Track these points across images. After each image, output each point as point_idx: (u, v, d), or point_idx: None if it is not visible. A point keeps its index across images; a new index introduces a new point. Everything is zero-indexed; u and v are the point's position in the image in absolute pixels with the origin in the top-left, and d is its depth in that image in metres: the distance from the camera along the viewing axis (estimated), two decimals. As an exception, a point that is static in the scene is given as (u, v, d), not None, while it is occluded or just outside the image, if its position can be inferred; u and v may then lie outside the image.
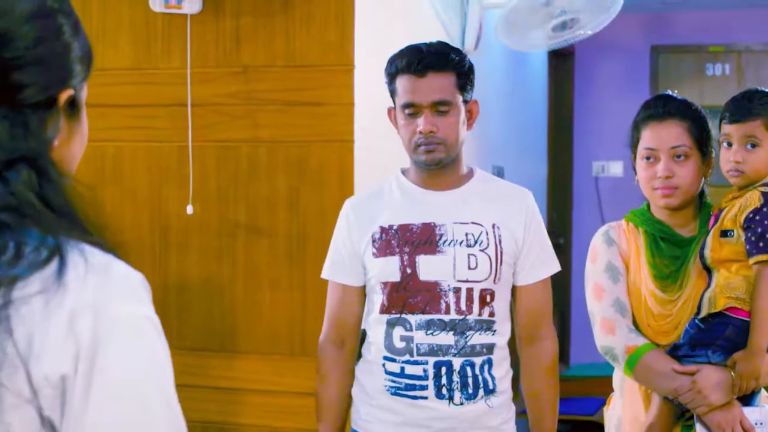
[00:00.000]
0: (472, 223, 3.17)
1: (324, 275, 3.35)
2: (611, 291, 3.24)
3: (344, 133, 4.19)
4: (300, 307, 4.26)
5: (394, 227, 3.19)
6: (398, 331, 3.16)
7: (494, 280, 3.15)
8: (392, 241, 3.17)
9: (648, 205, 3.31)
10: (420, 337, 3.13)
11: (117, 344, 1.51)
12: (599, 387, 5.47)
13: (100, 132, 4.44)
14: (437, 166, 3.17)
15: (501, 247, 3.16)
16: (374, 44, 4.34)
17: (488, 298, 3.15)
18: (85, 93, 1.75)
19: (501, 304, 3.19)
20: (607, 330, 3.19)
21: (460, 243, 3.14)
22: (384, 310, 3.18)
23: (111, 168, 4.49)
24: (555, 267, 3.30)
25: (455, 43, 4.69)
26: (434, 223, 3.16)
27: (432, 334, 3.12)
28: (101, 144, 4.45)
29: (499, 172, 6.37)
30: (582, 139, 9.16)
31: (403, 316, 3.15)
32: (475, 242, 3.15)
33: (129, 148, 4.48)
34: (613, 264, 3.27)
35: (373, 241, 3.20)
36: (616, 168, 8.99)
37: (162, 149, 4.43)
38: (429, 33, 4.91)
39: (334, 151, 4.21)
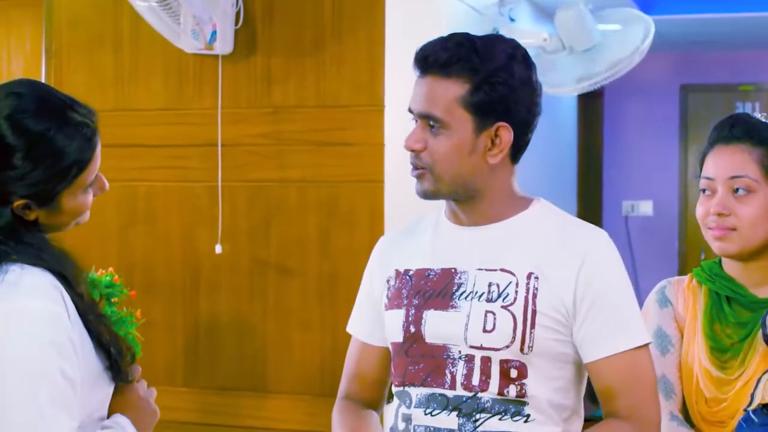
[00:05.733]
0: (501, 270, 2.34)
1: (348, 327, 2.71)
2: (657, 365, 2.51)
3: (375, 173, 4.20)
4: (331, 348, 4.25)
5: (411, 272, 2.44)
6: (401, 409, 2.41)
7: (521, 349, 2.29)
8: (403, 290, 2.43)
9: (721, 258, 2.64)
10: (418, 418, 2.36)
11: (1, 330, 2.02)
12: None
13: (132, 172, 4.47)
14: (431, 199, 2.41)
15: (534, 305, 2.30)
16: (404, 85, 4.32)
17: (513, 373, 2.30)
18: (75, 191, 2.18)
19: (542, 384, 2.32)
20: None
21: (480, 296, 2.33)
22: (393, 379, 2.47)
23: (143, 207, 4.51)
24: (637, 338, 2.33)
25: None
26: (455, 269, 2.38)
27: (431, 414, 2.34)
28: (133, 184, 4.48)
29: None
30: (611, 178, 9.14)
31: (405, 388, 2.40)
32: (498, 296, 2.32)
33: (160, 188, 4.50)
34: (664, 331, 2.63)
35: (388, 289, 2.50)
36: (645, 207, 8.95)
37: (193, 189, 4.45)
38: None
39: (365, 191, 4.21)
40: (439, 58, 2.30)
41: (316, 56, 4.28)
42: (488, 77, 2.28)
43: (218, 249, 4.34)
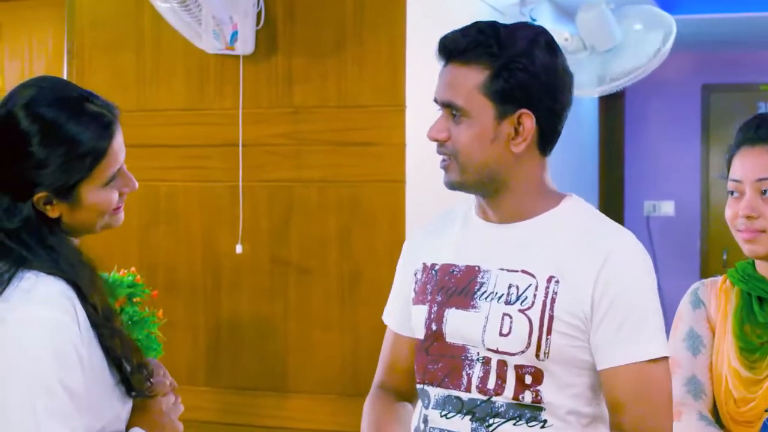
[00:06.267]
0: (522, 271, 2.27)
1: (383, 315, 2.64)
2: (688, 366, 2.54)
3: (396, 173, 4.20)
4: (352, 347, 4.26)
5: (437, 267, 2.39)
6: (421, 409, 2.38)
7: (537, 355, 2.22)
8: (428, 285, 2.39)
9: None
10: (434, 420, 2.33)
11: (8, 336, 2.02)
12: None
13: (153, 172, 4.48)
14: (458, 190, 2.35)
15: (552, 311, 2.22)
16: (425, 84, 4.34)
17: (528, 379, 2.23)
18: (94, 183, 2.17)
19: (558, 391, 2.25)
20: (675, 414, 2.37)
21: (499, 298, 2.27)
22: (416, 375, 2.42)
23: (164, 207, 4.52)
24: (653, 349, 2.21)
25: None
26: (478, 268, 2.32)
27: (446, 416, 2.31)
28: (154, 184, 4.49)
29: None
30: (633, 179, 9.12)
31: (425, 387, 2.36)
32: (517, 299, 2.25)
33: (181, 188, 4.51)
34: (696, 332, 2.60)
35: (415, 282, 2.45)
36: (667, 207, 8.93)
37: (214, 189, 4.46)
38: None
39: (386, 191, 4.21)
40: (458, 45, 2.26)
41: (337, 56, 4.28)
42: (508, 63, 2.22)
43: (239, 249, 4.35)
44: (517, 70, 2.22)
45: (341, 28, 4.27)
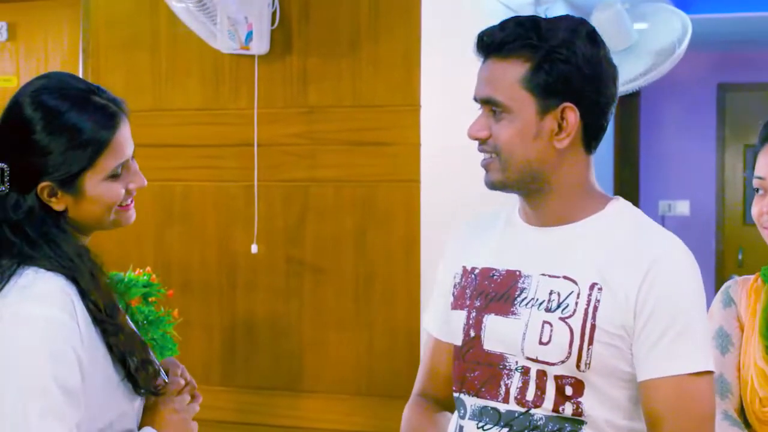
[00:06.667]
0: (564, 277, 2.18)
1: (423, 320, 2.53)
2: (716, 365, 2.39)
3: (410, 173, 4.19)
4: (366, 347, 4.26)
5: (476, 270, 2.30)
6: (457, 419, 2.30)
7: (578, 365, 2.12)
8: (467, 290, 2.30)
9: None
10: (470, 431, 2.24)
11: (4, 334, 2.03)
12: None
13: (169, 171, 4.49)
14: (499, 190, 2.26)
15: (594, 319, 2.12)
16: (440, 84, 4.35)
17: (568, 390, 2.14)
18: (98, 175, 2.17)
19: (600, 404, 2.15)
20: None
21: (540, 304, 2.17)
22: (453, 383, 2.34)
23: (179, 207, 4.53)
24: (696, 363, 2.10)
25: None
26: (519, 272, 2.23)
27: (483, 428, 2.22)
28: (169, 183, 4.50)
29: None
30: (648, 178, 9.10)
31: (461, 395, 2.28)
32: (558, 306, 2.16)
33: (196, 188, 4.51)
34: (725, 330, 2.55)
35: (454, 286, 2.36)
36: (683, 207, 8.91)
37: (229, 189, 4.46)
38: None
39: (401, 191, 4.21)
40: (495, 38, 2.19)
41: (351, 56, 4.28)
42: (548, 54, 2.13)
43: (254, 249, 4.35)
44: (558, 62, 2.14)
45: (356, 28, 4.27)
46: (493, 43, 2.19)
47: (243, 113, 4.43)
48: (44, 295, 2.06)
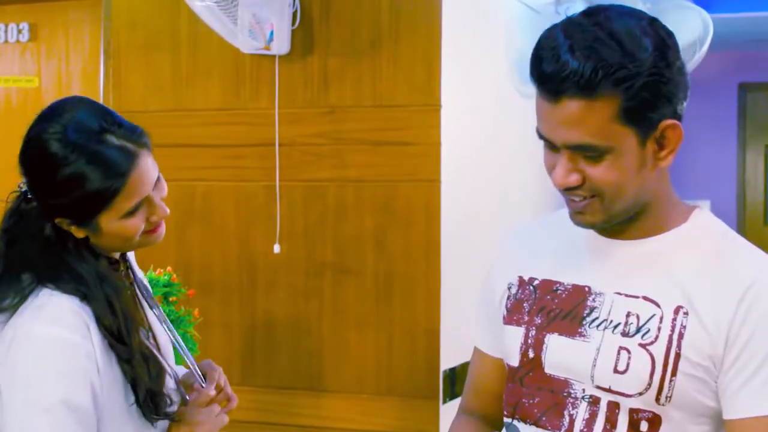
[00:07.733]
0: (643, 298, 1.95)
1: (472, 333, 2.35)
2: None
3: (431, 173, 4.19)
4: (387, 347, 4.25)
5: (536, 282, 2.09)
6: None
7: (657, 398, 1.90)
8: (524, 304, 2.09)
9: None
10: None
11: (15, 353, 2.05)
12: None
13: (190, 171, 4.49)
14: (598, 228, 2.03)
15: (679, 348, 1.89)
16: (461, 84, 4.35)
17: (644, 426, 1.92)
18: (114, 215, 2.18)
19: None
20: None
21: (615, 327, 1.95)
22: (504, 405, 2.13)
23: (200, 207, 4.53)
24: None
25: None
26: (589, 288, 2.01)
27: None
28: (191, 183, 4.50)
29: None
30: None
31: (515, 422, 2.07)
32: (637, 331, 1.92)
33: (217, 188, 4.52)
34: None
35: (507, 297, 2.15)
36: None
37: (250, 189, 4.47)
38: (515, 72, 4.91)
39: (421, 191, 4.20)
40: (574, 78, 1.84)
41: (372, 56, 4.28)
42: (647, 81, 1.85)
43: (276, 249, 4.35)
44: (659, 84, 1.87)
45: (376, 28, 4.27)
46: (578, 84, 1.85)
47: (264, 113, 4.43)
48: (56, 317, 2.08)
